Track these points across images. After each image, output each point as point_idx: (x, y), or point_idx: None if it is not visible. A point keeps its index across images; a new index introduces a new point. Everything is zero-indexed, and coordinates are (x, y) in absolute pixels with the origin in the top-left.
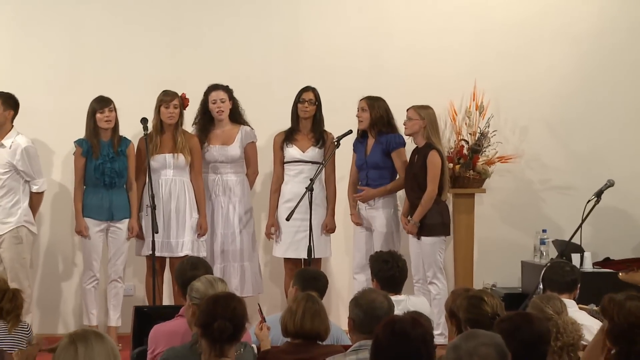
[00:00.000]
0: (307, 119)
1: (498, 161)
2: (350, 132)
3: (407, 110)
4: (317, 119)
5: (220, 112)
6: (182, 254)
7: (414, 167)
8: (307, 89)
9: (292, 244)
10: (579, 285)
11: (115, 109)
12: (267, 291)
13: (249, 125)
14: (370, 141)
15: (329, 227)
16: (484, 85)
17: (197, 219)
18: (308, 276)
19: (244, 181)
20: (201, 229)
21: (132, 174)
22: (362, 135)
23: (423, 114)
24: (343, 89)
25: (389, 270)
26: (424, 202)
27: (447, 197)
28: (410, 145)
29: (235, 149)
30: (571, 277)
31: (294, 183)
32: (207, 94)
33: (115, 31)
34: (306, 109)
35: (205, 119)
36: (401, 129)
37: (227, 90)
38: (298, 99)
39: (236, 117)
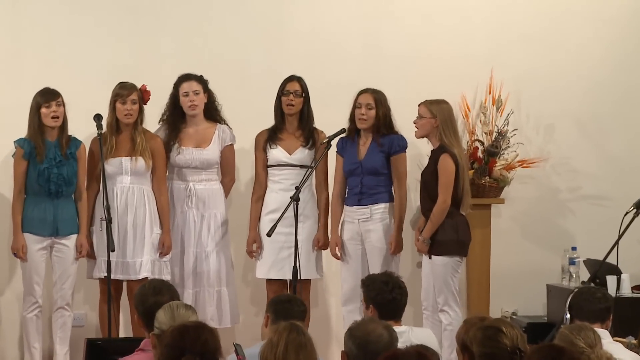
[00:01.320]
0: (293, 115)
1: (519, 166)
2: (343, 131)
3: (419, 106)
4: (305, 115)
5: (193, 106)
6: (141, 277)
7: (425, 173)
8: (291, 78)
9: (275, 263)
10: (611, 314)
11: (63, 104)
12: (247, 319)
13: (227, 124)
14: (364, 141)
15: (322, 243)
16: (503, 74)
17: (159, 235)
18: (280, 300)
19: (220, 190)
20: (164, 247)
21: (83, 181)
22: (352, 134)
23: (435, 111)
24: (335, 79)
25: (389, 293)
26: (434, 216)
27: (468, 210)
28: (421, 148)
29: (212, 152)
30: (603, 305)
31: (280, 191)
32: (177, 85)
33: (62, 10)
34: (291, 103)
35: (176, 116)
36: (403, 128)
37: (201, 81)
38: (282, 91)
39: (212, 113)
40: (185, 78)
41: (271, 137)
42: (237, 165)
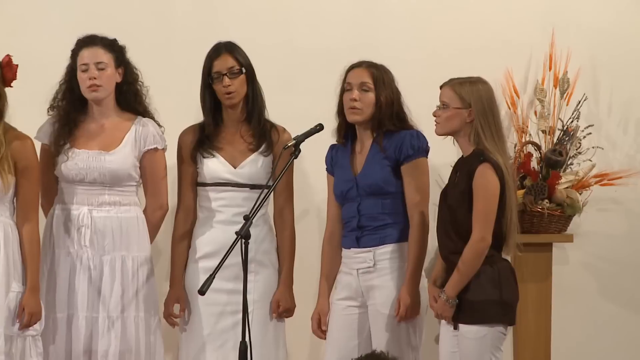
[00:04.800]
0: (233, 107)
1: (596, 183)
2: (319, 128)
3: (441, 88)
4: (253, 103)
5: (94, 87)
6: None
7: (449, 195)
8: (218, 50)
9: (212, 337)
10: None
11: None
12: None
13: (153, 118)
14: (362, 145)
15: (283, 306)
16: (570, 39)
17: (21, 294)
18: None
19: (137, 221)
20: (29, 314)
21: None
22: (346, 135)
23: (468, 96)
24: (311, 46)
25: None
26: (466, 262)
27: (514, 252)
28: (442, 155)
29: (120, 159)
30: None
31: (219, 224)
32: (74, 54)
33: None
34: (229, 89)
35: (71, 102)
36: (421, 120)
37: (112, 46)
38: (209, 71)
39: (130, 100)
40: (85, 42)
41: (203, 140)
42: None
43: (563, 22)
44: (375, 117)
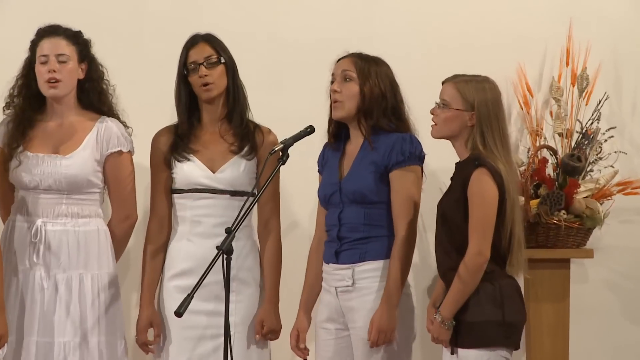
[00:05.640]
0: (212, 102)
1: (619, 192)
2: (309, 130)
3: (443, 84)
4: (234, 99)
5: (53, 82)
6: None
7: (445, 203)
8: (195, 40)
9: None
10: None
11: None
12: None
13: (119, 118)
14: (354, 147)
15: (268, 327)
16: (590, 33)
17: None
18: None
19: (99, 235)
20: None
21: None
22: (339, 134)
23: (472, 97)
24: (294, 41)
25: None
26: (462, 277)
27: (519, 269)
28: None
29: (79, 163)
30: None
31: (196, 237)
32: (34, 45)
33: None
34: (206, 80)
35: (28, 98)
36: (421, 122)
37: (76, 39)
38: (184, 62)
39: (92, 99)
40: (46, 32)
41: (177, 141)
42: (142, 189)
43: (582, 12)
44: (360, 110)
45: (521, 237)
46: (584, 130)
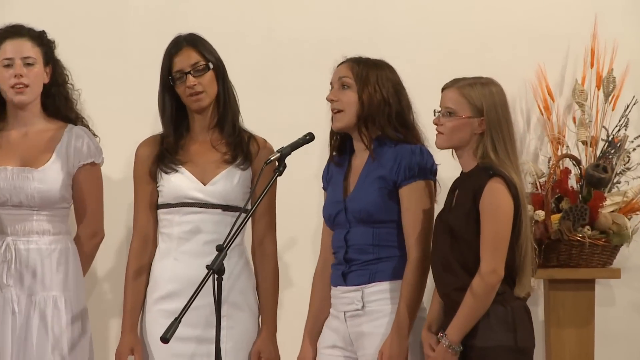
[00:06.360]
0: (202, 111)
1: None
2: (308, 138)
3: (443, 91)
4: (225, 105)
5: (20, 88)
6: None
7: (450, 219)
8: (179, 44)
9: None
10: None
11: None
12: None
13: (88, 127)
14: (359, 161)
15: (265, 358)
16: (617, 31)
17: None
18: None
19: (72, 254)
20: None
21: None
22: (342, 148)
23: (480, 102)
24: (290, 39)
25: None
26: (476, 297)
27: (530, 289)
28: (448, 171)
29: (50, 177)
30: None
31: (183, 255)
32: None
33: None
34: (194, 90)
35: None
36: (431, 130)
37: (41, 40)
38: (168, 71)
39: (59, 105)
40: (8, 33)
41: (164, 153)
42: (111, 204)
43: (607, 8)
44: (361, 120)
45: (532, 254)
46: (610, 138)
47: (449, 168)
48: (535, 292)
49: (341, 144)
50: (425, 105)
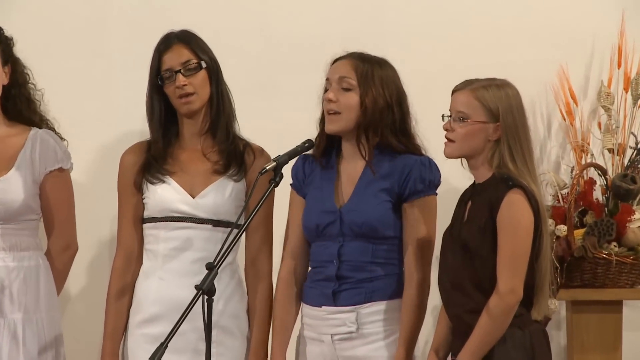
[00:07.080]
0: (193, 115)
1: None
2: (307, 145)
3: (454, 94)
4: (218, 109)
5: None
6: None
7: (463, 233)
8: (169, 42)
9: None
10: None
11: None
12: None
13: (54, 130)
14: (350, 165)
15: None
16: None
17: None
18: None
19: (43, 271)
20: None
21: None
22: (329, 148)
23: (495, 106)
24: (287, 38)
25: None
26: (493, 318)
27: (548, 312)
28: (453, 181)
29: (18, 185)
30: None
31: (169, 274)
32: None
33: None
34: (184, 91)
35: None
36: (439, 139)
37: None
38: (157, 70)
39: (21, 107)
40: None
41: (150, 161)
42: (82, 214)
43: (636, 4)
44: (360, 126)
45: (551, 273)
46: (639, 146)
47: (452, 179)
48: (556, 315)
49: (328, 146)
50: (432, 111)
